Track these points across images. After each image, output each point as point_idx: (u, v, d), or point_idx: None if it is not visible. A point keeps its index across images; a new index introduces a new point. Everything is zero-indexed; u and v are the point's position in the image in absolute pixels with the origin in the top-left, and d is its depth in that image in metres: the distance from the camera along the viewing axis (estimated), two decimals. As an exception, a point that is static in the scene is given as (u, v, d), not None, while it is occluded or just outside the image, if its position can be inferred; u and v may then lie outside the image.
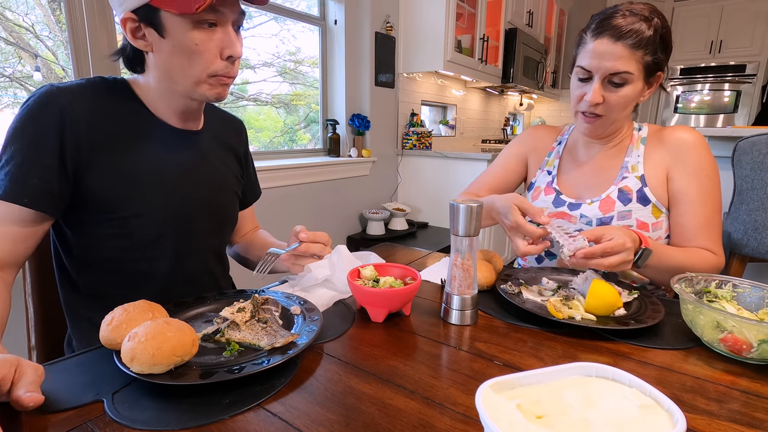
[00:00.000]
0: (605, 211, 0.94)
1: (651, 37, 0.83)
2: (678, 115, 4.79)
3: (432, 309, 0.76)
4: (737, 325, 0.57)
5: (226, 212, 0.90)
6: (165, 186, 0.77)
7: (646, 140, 0.97)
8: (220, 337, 0.60)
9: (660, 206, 0.92)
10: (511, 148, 1.17)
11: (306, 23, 2.49)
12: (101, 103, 0.72)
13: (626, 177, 0.95)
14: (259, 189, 1.06)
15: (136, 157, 0.74)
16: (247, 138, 1.00)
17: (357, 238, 2.67)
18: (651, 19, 0.84)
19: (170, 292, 0.79)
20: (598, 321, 0.68)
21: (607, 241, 0.74)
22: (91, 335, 0.78)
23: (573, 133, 1.09)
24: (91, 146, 0.70)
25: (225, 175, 0.89)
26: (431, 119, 3.62)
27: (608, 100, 0.88)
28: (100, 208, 0.72)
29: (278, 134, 2.57)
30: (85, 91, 0.71)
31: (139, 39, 0.69)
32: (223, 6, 0.67)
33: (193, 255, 0.83)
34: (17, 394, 0.44)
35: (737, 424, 0.47)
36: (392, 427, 0.45)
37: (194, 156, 0.82)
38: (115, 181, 0.71)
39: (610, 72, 0.85)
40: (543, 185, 1.06)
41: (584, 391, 0.38)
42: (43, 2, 1.55)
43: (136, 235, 0.74)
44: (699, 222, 0.88)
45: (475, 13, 3.00)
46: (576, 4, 4.83)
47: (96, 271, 0.76)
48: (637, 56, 0.84)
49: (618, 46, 0.83)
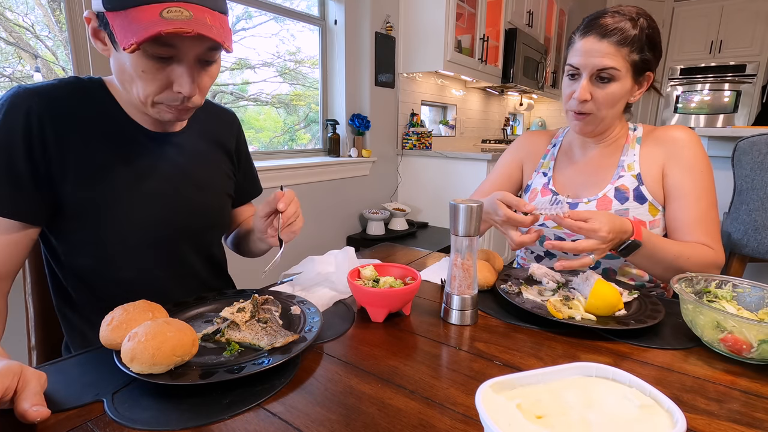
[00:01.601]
0: (602, 210, 0.94)
1: (636, 36, 0.86)
2: (678, 115, 4.79)
3: (432, 309, 0.76)
4: (737, 325, 0.57)
5: (213, 215, 0.86)
6: (141, 192, 0.73)
7: (641, 140, 0.98)
8: (220, 337, 0.60)
9: (656, 204, 0.93)
10: (507, 155, 1.18)
11: (306, 23, 2.49)
12: (73, 105, 0.68)
13: (623, 176, 0.96)
14: (260, 186, 1.02)
15: (110, 163, 0.70)
16: (240, 131, 0.95)
17: (357, 238, 2.67)
18: (637, 19, 0.87)
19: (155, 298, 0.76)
20: (598, 321, 0.68)
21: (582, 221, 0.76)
22: (85, 340, 0.77)
23: (568, 135, 1.10)
24: (62, 151, 0.66)
25: (212, 177, 0.85)
26: (431, 119, 3.62)
27: (596, 97, 0.89)
28: (74, 215, 0.69)
29: (278, 134, 2.57)
30: (56, 92, 0.68)
31: (99, 41, 0.65)
32: (177, 42, 0.60)
33: (177, 261, 0.80)
34: (23, 407, 0.43)
35: (737, 424, 0.47)
36: (392, 427, 0.45)
37: (174, 159, 0.78)
38: (88, 188, 0.68)
39: (597, 68, 0.87)
40: (539, 186, 1.07)
41: (584, 391, 0.38)
42: (43, 2, 1.55)
43: (113, 244, 0.72)
44: (695, 216, 0.88)
45: (475, 13, 3.00)
46: (576, 4, 4.83)
47: (81, 277, 0.74)
48: (622, 53, 0.86)
49: (603, 43, 0.86)
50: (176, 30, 0.56)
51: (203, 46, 0.63)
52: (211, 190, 0.85)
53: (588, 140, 1.01)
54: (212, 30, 0.59)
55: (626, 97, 0.91)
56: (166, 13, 0.57)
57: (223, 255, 0.96)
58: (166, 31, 0.55)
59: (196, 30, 0.57)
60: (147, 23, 0.56)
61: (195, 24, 0.58)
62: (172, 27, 0.56)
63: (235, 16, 2.20)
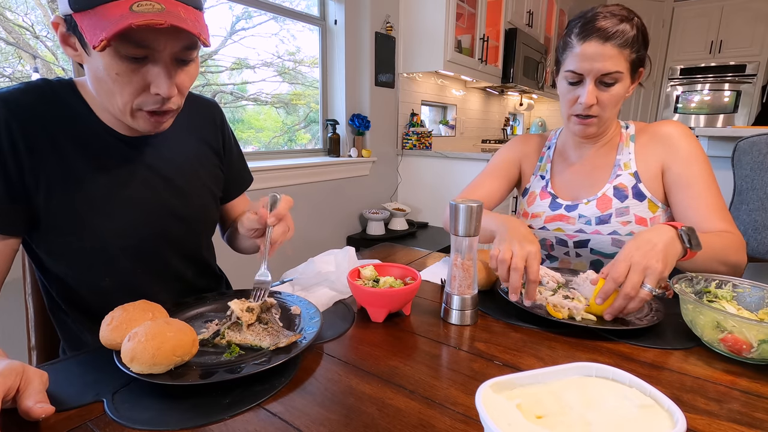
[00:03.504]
0: (603, 209, 0.95)
1: (635, 36, 0.86)
2: (678, 115, 4.79)
3: (432, 309, 0.76)
4: (737, 325, 0.57)
5: (194, 219, 0.82)
6: (119, 200, 0.70)
7: (635, 137, 0.98)
8: (220, 340, 0.59)
9: (656, 201, 0.93)
10: (503, 153, 1.16)
11: (306, 23, 2.49)
12: (43, 111, 0.65)
13: (620, 174, 0.96)
14: (249, 175, 0.98)
15: (85, 171, 0.67)
16: (224, 123, 0.90)
17: (357, 238, 2.67)
18: (631, 19, 0.87)
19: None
20: (598, 321, 0.68)
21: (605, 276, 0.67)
22: (79, 342, 0.77)
23: (560, 137, 1.09)
24: (34, 161, 0.64)
25: (194, 178, 0.81)
26: (431, 119, 3.62)
27: (601, 100, 0.89)
28: (52, 225, 0.67)
29: (278, 134, 2.57)
30: (23, 98, 0.64)
31: (68, 46, 0.61)
32: (150, 40, 0.57)
33: (160, 265, 0.79)
34: (27, 404, 0.43)
35: (737, 424, 0.47)
36: (392, 427, 0.45)
37: (152, 164, 0.75)
38: (64, 198, 0.66)
39: (602, 73, 0.87)
40: (538, 190, 1.06)
41: (584, 391, 0.38)
42: (43, 2, 1.55)
43: (93, 252, 0.70)
44: (710, 203, 0.86)
45: (475, 13, 3.00)
46: (576, 4, 4.83)
47: (64, 284, 0.73)
48: (624, 55, 0.86)
49: (607, 47, 0.85)
50: (147, 22, 0.52)
51: (179, 44, 0.60)
52: (193, 193, 0.81)
53: (583, 141, 1.01)
54: (186, 22, 0.55)
55: (625, 96, 0.92)
56: (136, 7, 0.53)
57: (212, 254, 0.93)
58: (137, 23, 0.52)
59: (169, 21, 0.53)
60: (116, 18, 0.53)
61: (167, 16, 0.54)
62: (143, 19, 0.52)
63: (235, 16, 2.20)
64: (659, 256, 0.65)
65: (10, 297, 0.70)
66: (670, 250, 0.67)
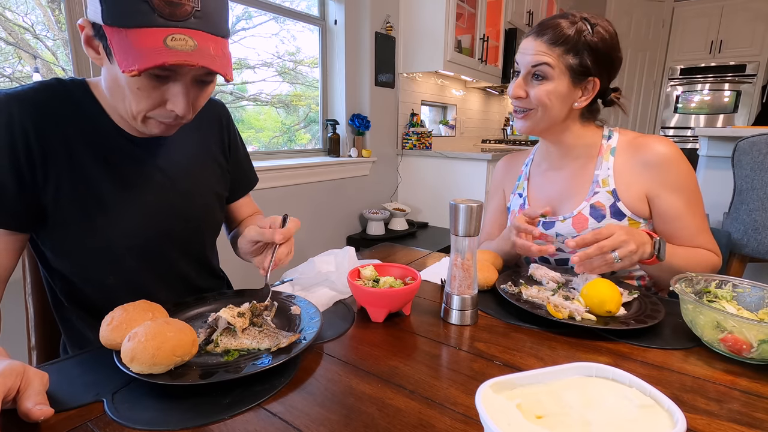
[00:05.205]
0: (579, 229, 0.92)
1: (571, 37, 0.85)
2: (678, 115, 4.79)
3: (432, 309, 0.76)
4: (737, 325, 0.57)
5: (199, 221, 0.83)
6: (126, 200, 0.71)
7: (615, 150, 0.93)
8: (214, 347, 0.58)
9: (636, 218, 0.90)
10: (493, 181, 1.21)
11: (306, 23, 2.49)
12: (54, 109, 0.66)
13: (597, 192, 0.92)
14: (255, 176, 0.99)
15: (94, 170, 0.69)
16: (230, 123, 0.92)
17: (357, 238, 2.67)
18: (576, 23, 0.86)
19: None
20: (598, 321, 0.68)
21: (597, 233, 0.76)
22: (83, 338, 0.77)
23: (538, 152, 1.08)
24: (45, 157, 0.65)
25: (200, 179, 0.83)
26: (431, 119, 3.62)
27: (531, 94, 0.90)
28: (60, 222, 0.68)
29: (278, 134, 2.57)
30: (37, 97, 0.66)
31: (92, 49, 0.62)
32: (177, 67, 0.60)
33: (164, 266, 0.79)
34: (27, 406, 0.43)
35: (737, 424, 0.47)
36: (392, 427, 0.45)
37: (160, 165, 0.76)
38: (73, 196, 0.67)
39: (531, 65, 0.88)
40: (516, 207, 1.06)
41: (584, 391, 0.38)
42: (43, 2, 1.55)
43: (98, 251, 0.71)
44: (693, 232, 0.89)
45: (475, 13, 3.00)
46: (576, 4, 4.83)
47: (68, 281, 0.74)
48: (555, 52, 0.86)
49: (537, 42, 0.88)
50: (181, 62, 0.55)
51: (203, 71, 0.62)
52: (198, 194, 0.82)
53: (553, 151, 0.99)
54: (215, 62, 0.58)
55: (567, 100, 0.89)
56: (170, 41, 0.55)
57: (215, 255, 0.94)
58: (170, 63, 0.55)
59: (201, 63, 0.56)
60: (150, 50, 0.54)
61: (199, 56, 0.57)
62: (177, 59, 0.55)
63: (235, 16, 2.20)
64: (635, 242, 0.76)
65: (10, 297, 0.70)
66: (643, 248, 0.77)
